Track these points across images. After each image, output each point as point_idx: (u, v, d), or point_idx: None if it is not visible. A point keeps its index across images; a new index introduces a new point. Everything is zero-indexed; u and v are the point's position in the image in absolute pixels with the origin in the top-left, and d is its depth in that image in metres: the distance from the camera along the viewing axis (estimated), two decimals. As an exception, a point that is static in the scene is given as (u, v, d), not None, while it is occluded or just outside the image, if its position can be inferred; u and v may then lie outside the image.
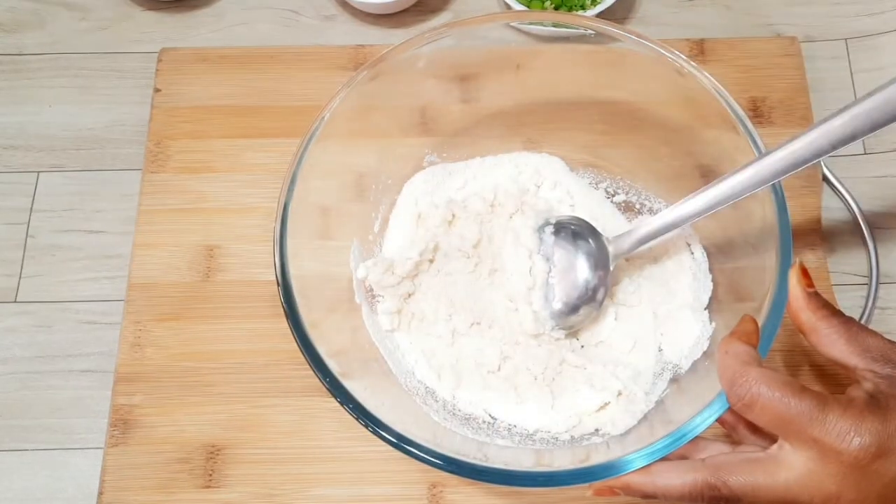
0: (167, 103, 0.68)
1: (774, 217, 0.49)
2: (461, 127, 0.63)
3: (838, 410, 0.40)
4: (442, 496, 0.56)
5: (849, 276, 0.63)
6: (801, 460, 0.41)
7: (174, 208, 0.65)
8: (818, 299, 0.45)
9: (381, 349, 0.56)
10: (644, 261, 0.60)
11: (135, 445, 0.58)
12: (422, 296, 0.58)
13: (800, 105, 0.67)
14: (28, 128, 0.69)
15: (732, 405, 0.43)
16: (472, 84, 0.62)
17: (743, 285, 0.54)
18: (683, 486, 0.43)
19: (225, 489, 0.57)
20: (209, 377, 0.60)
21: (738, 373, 0.43)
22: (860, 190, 0.65)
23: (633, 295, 0.58)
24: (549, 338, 0.57)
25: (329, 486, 0.57)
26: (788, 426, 0.41)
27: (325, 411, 0.58)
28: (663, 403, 0.54)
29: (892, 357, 0.43)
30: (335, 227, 0.58)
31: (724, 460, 0.43)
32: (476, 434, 0.53)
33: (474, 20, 0.58)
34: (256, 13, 0.74)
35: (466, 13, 0.73)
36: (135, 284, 0.62)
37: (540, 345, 0.57)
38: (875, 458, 0.40)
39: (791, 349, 0.59)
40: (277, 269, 0.51)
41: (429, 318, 0.58)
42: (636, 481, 0.45)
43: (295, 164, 0.53)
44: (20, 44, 0.73)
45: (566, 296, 0.56)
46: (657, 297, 0.58)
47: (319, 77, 0.69)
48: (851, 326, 0.44)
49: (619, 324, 0.58)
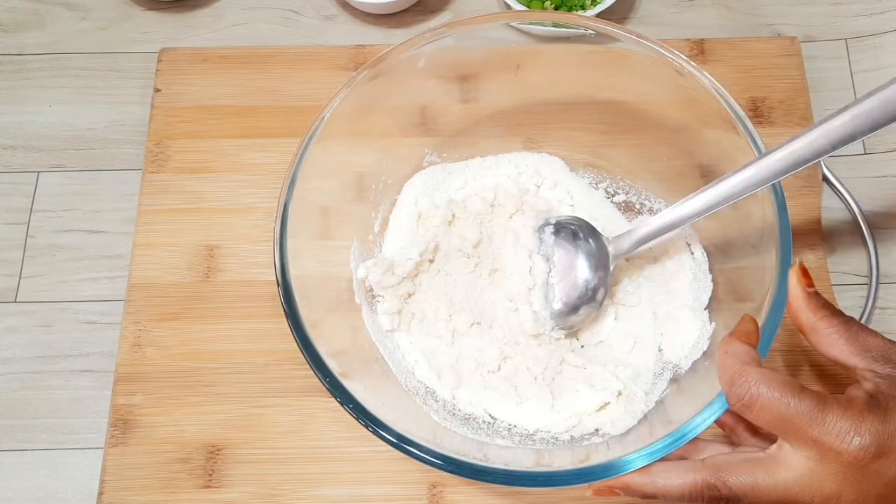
0: (167, 103, 0.68)
1: (774, 217, 0.49)
2: (461, 127, 0.63)
3: (838, 410, 0.40)
4: (442, 496, 0.56)
5: (849, 276, 0.63)
6: (801, 460, 0.41)
7: (174, 208, 0.65)
8: (818, 299, 0.45)
9: (381, 349, 0.56)
10: (644, 261, 0.60)
11: (135, 445, 0.58)
12: (422, 296, 0.58)
13: (800, 105, 0.67)
14: (28, 128, 0.69)
15: (732, 405, 0.43)
16: (472, 84, 0.62)
17: (743, 285, 0.54)
18: (683, 485, 0.43)
19: (225, 489, 0.57)
20: (209, 377, 0.60)
21: (738, 373, 0.43)
22: (860, 190, 0.65)
23: (632, 295, 0.58)
24: (548, 338, 0.57)
25: (329, 486, 0.57)
26: (788, 426, 0.41)
27: (325, 411, 0.58)
28: (663, 403, 0.54)
29: (892, 357, 0.43)
30: (335, 227, 0.58)
31: (723, 460, 0.43)
32: (476, 434, 0.53)
33: (474, 20, 0.58)
34: (256, 13, 0.74)
35: (466, 13, 0.73)
36: (135, 284, 0.62)
37: (540, 345, 0.57)
38: (875, 458, 0.40)
39: (791, 349, 0.59)
40: (277, 269, 0.51)
41: (429, 318, 0.58)
42: (636, 481, 0.45)
43: (295, 164, 0.53)
44: (20, 44, 0.73)
45: (566, 296, 0.56)
46: (657, 297, 0.58)
47: (319, 77, 0.69)
48: (851, 326, 0.44)
49: (619, 323, 0.58)
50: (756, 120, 0.66)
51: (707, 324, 0.56)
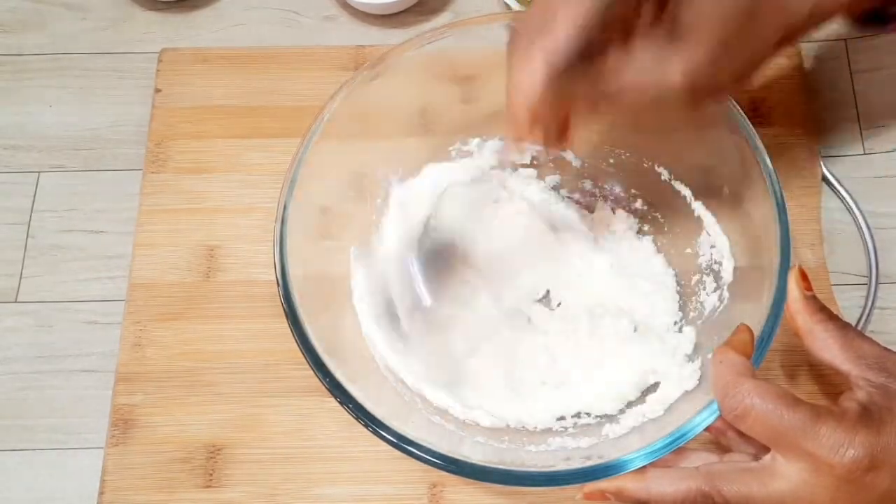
0: (168, 103, 0.68)
1: (774, 217, 0.50)
2: (461, 127, 0.63)
3: (831, 423, 0.40)
4: (442, 496, 0.57)
5: (848, 276, 0.63)
6: (795, 472, 0.41)
7: (174, 208, 0.65)
8: (816, 303, 0.45)
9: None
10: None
11: (135, 445, 0.58)
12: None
13: (799, 105, 0.67)
14: (28, 128, 0.69)
15: (725, 416, 0.43)
16: (472, 84, 0.62)
17: (742, 286, 0.54)
18: (677, 493, 0.43)
19: (225, 489, 0.57)
20: (209, 377, 0.60)
21: (731, 383, 0.43)
22: (860, 190, 0.65)
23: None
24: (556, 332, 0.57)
25: (329, 486, 0.57)
26: (781, 439, 0.41)
27: (325, 411, 0.58)
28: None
29: (887, 365, 0.43)
30: (335, 227, 0.58)
31: (718, 469, 0.43)
32: (476, 434, 0.53)
33: (474, 20, 0.58)
34: (256, 13, 0.74)
35: (466, 13, 0.73)
36: (135, 284, 0.62)
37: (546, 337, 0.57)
38: (867, 471, 0.40)
39: (791, 349, 0.59)
40: (277, 269, 0.51)
41: (429, 318, 0.58)
42: (629, 487, 0.45)
43: (295, 164, 0.54)
44: (21, 44, 0.73)
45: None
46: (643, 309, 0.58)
47: (319, 77, 0.69)
48: (847, 332, 0.44)
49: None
50: (756, 120, 0.66)
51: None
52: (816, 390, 0.58)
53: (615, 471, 0.45)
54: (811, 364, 0.59)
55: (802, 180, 0.65)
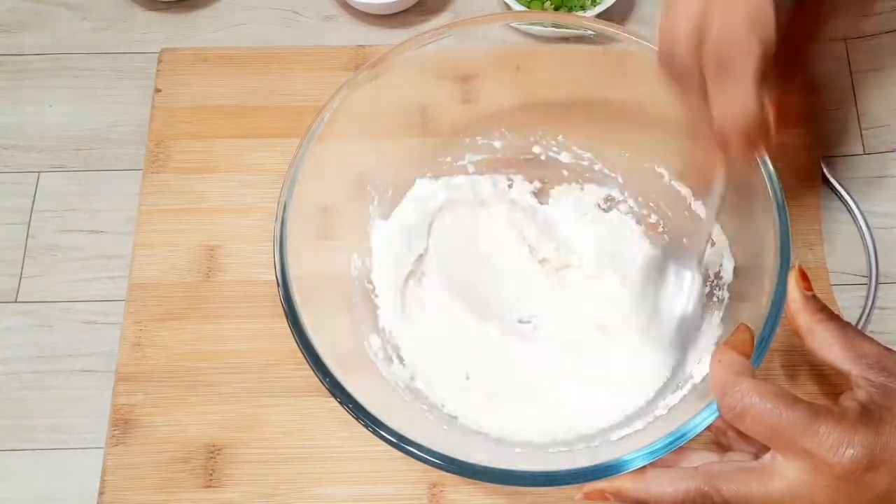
0: (168, 103, 0.68)
1: (774, 217, 0.50)
2: (461, 127, 0.63)
3: (831, 422, 0.40)
4: (442, 496, 0.57)
5: (848, 276, 0.63)
6: (794, 471, 0.41)
7: (174, 208, 0.65)
8: (816, 303, 0.45)
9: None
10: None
11: (135, 445, 0.58)
12: (423, 294, 0.58)
13: (799, 105, 0.67)
14: (28, 128, 0.69)
15: (723, 415, 0.43)
16: (472, 84, 0.62)
17: (742, 286, 0.54)
18: (676, 493, 0.43)
19: (225, 489, 0.57)
20: (209, 377, 0.60)
21: (730, 383, 0.43)
22: (860, 190, 0.65)
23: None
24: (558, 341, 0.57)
25: (329, 486, 0.57)
26: (780, 437, 0.41)
27: (325, 411, 0.58)
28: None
29: (887, 365, 0.43)
30: (335, 227, 0.58)
31: (717, 469, 0.43)
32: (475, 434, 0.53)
33: (474, 20, 0.58)
34: (257, 13, 0.74)
35: (466, 13, 0.73)
36: (135, 284, 0.62)
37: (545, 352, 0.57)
38: (866, 471, 0.39)
39: (791, 349, 0.59)
40: (277, 269, 0.51)
41: (429, 318, 0.58)
42: (628, 487, 0.44)
43: (295, 164, 0.54)
44: (20, 44, 0.73)
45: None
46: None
47: (320, 77, 0.69)
48: (848, 331, 0.44)
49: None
50: (756, 120, 0.66)
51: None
52: (816, 390, 0.58)
53: (615, 471, 0.45)
54: (811, 364, 0.59)
55: (802, 180, 0.65)
